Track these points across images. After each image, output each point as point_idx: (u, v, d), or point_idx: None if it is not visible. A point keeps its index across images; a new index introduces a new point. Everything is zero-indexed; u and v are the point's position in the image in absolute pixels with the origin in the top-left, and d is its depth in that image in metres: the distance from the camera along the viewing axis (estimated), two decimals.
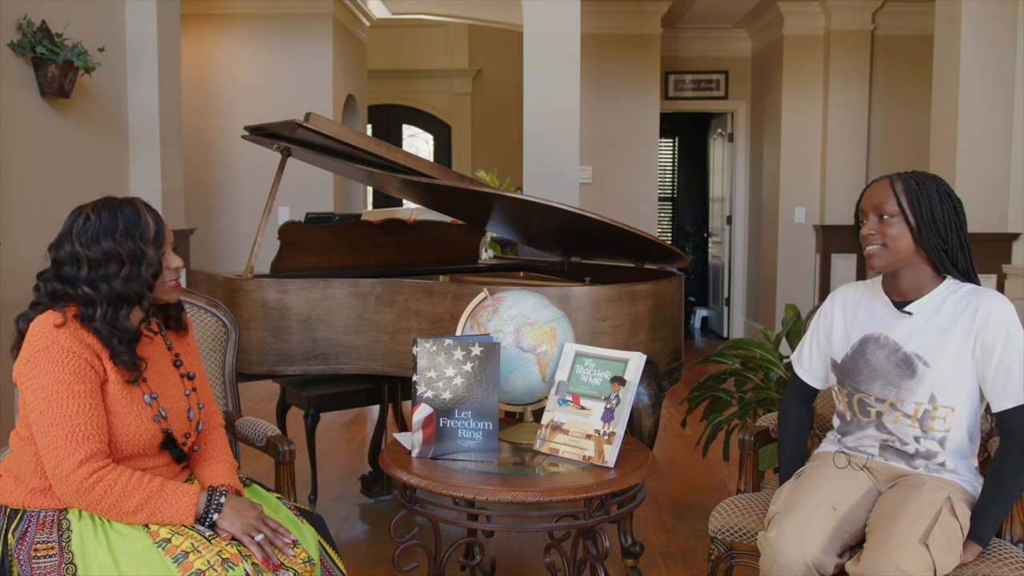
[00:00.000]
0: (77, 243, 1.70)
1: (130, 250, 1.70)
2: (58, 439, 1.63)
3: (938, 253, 1.89)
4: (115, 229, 1.70)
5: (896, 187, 1.91)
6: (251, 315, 2.96)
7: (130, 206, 1.74)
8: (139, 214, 1.74)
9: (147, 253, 1.72)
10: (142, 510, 1.66)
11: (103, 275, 1.69)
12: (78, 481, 1.62)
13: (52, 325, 1.67)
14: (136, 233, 1.71)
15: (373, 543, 3.24)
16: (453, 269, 3.81)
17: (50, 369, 1.64)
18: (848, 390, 2.05)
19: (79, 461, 1.62)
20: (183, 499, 1.69)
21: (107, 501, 1.64)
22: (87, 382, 1.66)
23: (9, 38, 3.56)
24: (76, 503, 1.66)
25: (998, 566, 1.81)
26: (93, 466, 1.63)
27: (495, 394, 2.02)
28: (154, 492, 1.67)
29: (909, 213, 1.89)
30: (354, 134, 2.91)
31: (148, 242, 1.72)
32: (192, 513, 1.69)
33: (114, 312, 1.70)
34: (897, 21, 6.76)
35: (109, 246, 1.69)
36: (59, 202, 3.83)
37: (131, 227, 1.71)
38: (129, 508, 1.65)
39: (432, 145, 10.13)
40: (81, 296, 1.69)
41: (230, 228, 6.62)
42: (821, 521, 1.85)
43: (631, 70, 7.13)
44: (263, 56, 6.60)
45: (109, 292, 1.69)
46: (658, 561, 3.09)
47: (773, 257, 7.24)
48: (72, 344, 1.66)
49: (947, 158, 4.37)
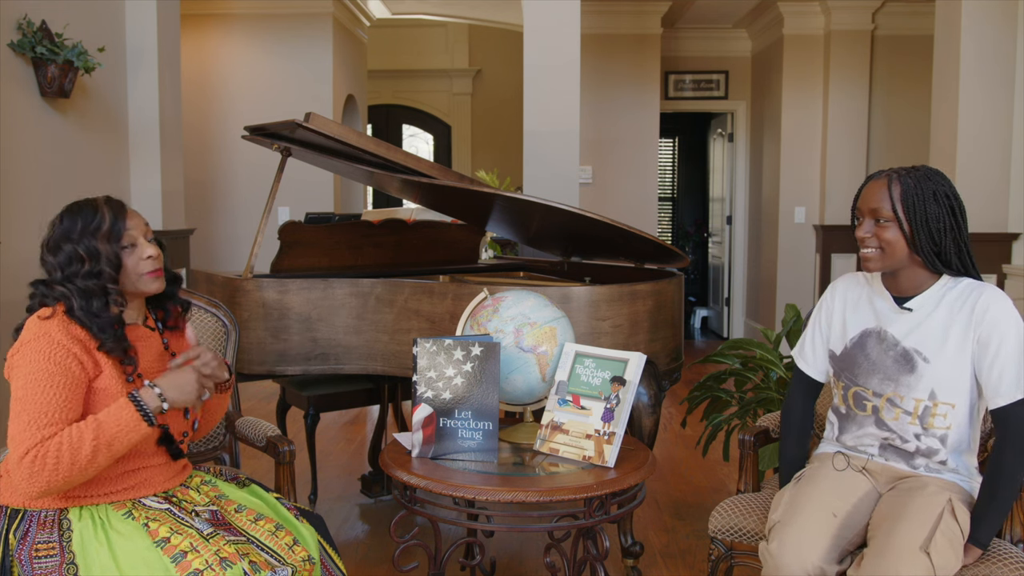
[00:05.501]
0: (48, 252, 1.79)
1: (86, 248, 1.76)
2: (19, 425, 1.61)
3: (931, 257, 1.88)
4: (72, 231, 1.77)
5: (892, 190, 1.88)
6: (251, 315, 2.96)
7: (90, 207, 1.80)
8: (95, 213, 1.79)
9: (100, 249, 1.76)
10: (99, 450, 1.61)
11: (70, 275, 1.75)
12: (27, 465, 1.57)
13: (41, 317, 1.71)
14: (90, 231, 1.77)
15: (373, 543, 3.24)
16: (453, 269, 3.81)
17: (34, 357, 1.66)
18: (844, 383, 2.04)
19: (31, 446, 1.59)
20: (122, 414, 1.65)
21: (63, 465, 1.58)
22: (68, 374, 1.66)
23: (9, 38, 3.56)
24: (31, 490, 1.60)
25: (998, 567, 1.81)
26: (36, 448, 1.58)
27: (495, 394, 2.02)
28: (96, 428, 1.62)
29: (903, 218, 1.86)
30: (354, 134, 2.91)
31: (100, 237, 1.77)
32: (139, 419, 1.65)
33: (87, 304, 1.74)
34: (897, 21, 6.76)
35: (69, 249, 1.76)
36: (59, 202, 3.78)
37: (86, 226, 1.77)
38: (86, 457, 1.60)
39: (432, 145, 10.13)
40: (59, 295, 1.75)
41: (230, 228, 6.62)
42: (821, 529, 1.84)
43: (631, 70, 7.13)
44: (263, 56, 6.60)
45: (78, 289, 1.74)
46: (658, 561, 3.09)
47: (773, 257, 7.24)
48: (61, 336, 1.68)
49: (947, 158, 4.37)
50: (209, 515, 1.80)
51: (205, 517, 1.78)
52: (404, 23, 9.08)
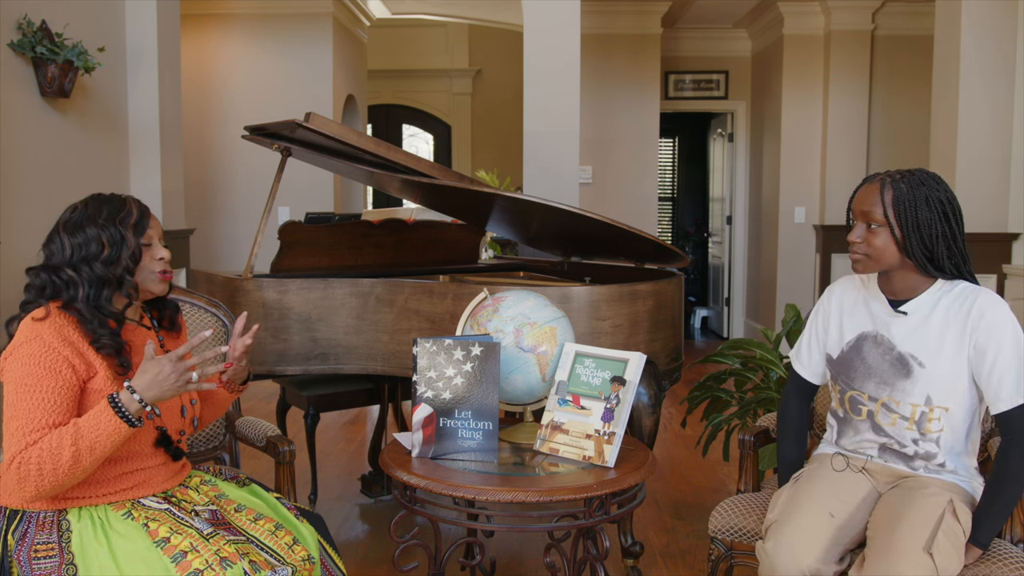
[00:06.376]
0: (63, 231, 1.76)
1: (111, 235, 1.74)
2: (13, 430, 1.61)
3: (923, 261, 1.88)
4: (99, 215, 1.76)
5: (885, 195, 1.87)
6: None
7: (117, 198, 1.80)
8: (124, 203, 1.79)
9: (126, 237, 1.76)
10: (80, 456, 1.60)
11: (84, 257, 1.73)
12: (15, 471, 1.58)
13: (33, 319, 1.69)
14: (117, 218, 1.76)
15: (373, 543, 3.24)
16: (453, 269, 3.81)
17: (26, 362, 1.65)
18: (841, 387, 2.04)
19: (17, 452, 1.59)
20: (101, 418, 1.62)
21: (46, 471, 1.58)
22: (60, 378, 1.65)
23: (9, 38, 3.56)
24: (24, 494, 1.61)
25: (998, 567, 1.81)
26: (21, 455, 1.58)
27: (495, 394, 2.02)
28: (75, 433, 1.60)
29: (895, 224, 1.86)
30: (354, 134, 2.91)
31: (128, 227, 1.76)
32: (119, 421, 1.61)
33: (96, 293, 1.72)
34: (897, 21, 6.76)
35: (92, 231, 1.74)
36: (59, 202, 3.78)
37: (113, 213, 1.76)
38: (67, 462, 1.59)
39: (432, 145, 10.13)
40: (64, 279, 1.72)
41: (230, 228, 6.62)
42: (818, 530, 1.84)
43: (631, 70, 7.13)
44: (263, 56, 6.60)
45: (90, 275, 1.72)
46: (658, 561, 3.09)
47: (773, 257, 7.24)
48: (53, 340, 1.67)
49: (947, 158, 4.37)
50: (209, 515, 1.79)
51: (205, 517, 1.78)
52: (404, 23, 9.08)
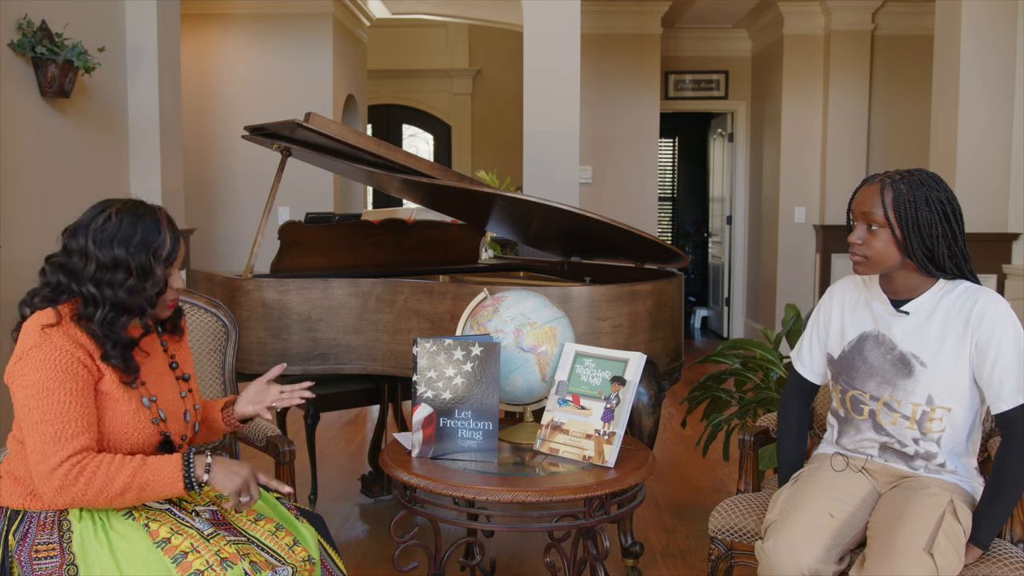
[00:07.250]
0: (91, 240, 1.68)
1: (140, 264, 1.68)
2: (45, 436, 1.60)
3: (924, 262, 1.87)
4: (131, 238, 1.68)
5: (885, 196, 1.87)
6: (251, 315, 2.96)
7: (152, 218, 1.72)
8: (159, 229, 1.71)
9: (155, 270, 1.71)
10: (130, 489, 1.62)
11: (108, 280, 1.67)
12: (61, 475, 1.59)
13: (42, 325, 1.65)
14: (151, 248, 1.69)
15: (373, 543, 3.24)
16: (453, 269, 3.81)
17: (40, 366, 1.62)
18: (842, 387, 2.04)
19: (65, 457, 1.59)
20: (167, 467, 1.65)
21: (93, 488, 1.60)
22: (78, 380, 1.64)
23: (9, 38, 3.56)
24: (60, 500, 1.62)
25: (998, 567, 1.81)
26: (76, 458, 1.60)
27: (495, 394, 2.02)
28: (137, 468, 1.63)
29: (896, 225, 1.86)
30: (354, 134, 2.91)
31: (160, 259, 1.71)
32: (180, 479, 1.65)
33: (114, 318, 1.68)
34: (897, 21, 6.76)
35: (121, 254, 1.67)
36: (59, 202, 3.82)
37: (147, 241, 1.69)
38: (116, 491, 1.61)
39: (432, 145, 10.13)
40: (84, 294, 1.68)
41: (230, 228, 6.62)
42: (818, 530, 1.84)
43: (631, 70, 7.13)
44: (263, 56, 6.60)
45: (112, 298, 1.67)
46: (658, 561, 3.09)
47: (773, 257, 7.24)
48: (63, 341, 1.64)
49: (947, 158, 4.37)
50: (209, 515, 1.79)
51: (205, 517, 1.78)
52: (404, 23, 9.08)
